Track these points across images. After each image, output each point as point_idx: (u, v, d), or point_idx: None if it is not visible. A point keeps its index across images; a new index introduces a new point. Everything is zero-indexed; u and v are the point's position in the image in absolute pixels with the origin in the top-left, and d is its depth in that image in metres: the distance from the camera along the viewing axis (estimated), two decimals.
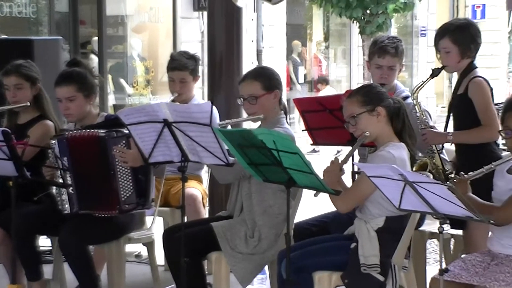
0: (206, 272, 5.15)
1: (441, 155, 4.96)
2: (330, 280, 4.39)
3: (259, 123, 5.03)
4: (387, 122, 4.34)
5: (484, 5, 27.77)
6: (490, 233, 4.25)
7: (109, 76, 13.02)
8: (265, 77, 4.96)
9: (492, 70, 23.97)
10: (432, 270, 5.22)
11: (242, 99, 4.93)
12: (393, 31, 21.95)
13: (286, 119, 5.01)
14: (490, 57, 24.78)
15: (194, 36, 14.65)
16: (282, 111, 5.00)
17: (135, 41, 13.95)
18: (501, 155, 4.67)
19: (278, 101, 4.97)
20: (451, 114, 5.01)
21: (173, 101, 5.98)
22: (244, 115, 5.19)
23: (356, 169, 4.86)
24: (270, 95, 4.90)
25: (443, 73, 5.10)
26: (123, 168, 5.06)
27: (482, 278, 4.02)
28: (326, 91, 17.39)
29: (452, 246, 5.41)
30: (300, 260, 4.40)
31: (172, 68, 6.18)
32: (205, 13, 12.59)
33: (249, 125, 5.52)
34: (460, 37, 4.90)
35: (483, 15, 26.88)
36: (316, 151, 14.46)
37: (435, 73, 5.01)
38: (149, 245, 5.68)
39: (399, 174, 3.66)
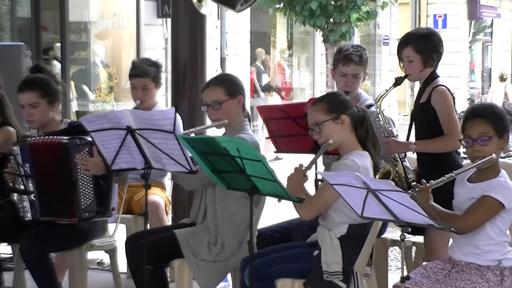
0: (169, 280, 5.14)
1: (404, 164, 4.99)
2: None
3: (224, 130, 5.03)
4: (351, 130, 4.36)
5: (445, 15, 28.08)
6: (451, 241, 4.28)
7: (72, 83, 12.93)
8: (227, 83, 4.98)
9: (453, 79, 24.21)
10: (393, 277, 5.26)
11: (205, 106, 4.94)
12: (356, 40, 22.13)
13: (250, 126, 5.02)
14: (451, 66, 25.03)
15: (157, 43, 14.61)
16: (246, 118, 5.02)
17: (98, 48, 13.88)
18: (462, 163, 4.71)
19: (242, 107, 4.98)
20: (414, 122, 5.05)
21: (136, 108, 5.96)
22: (208, 122, 5.19)
23: (319, 177, 4.87)
24: (234, 100, 4.92)
25: (406, 81, 5.14)
26: (85, 176, 5.04)
27: (443, 285, 4.06)
28: (274, 99, 17.34)
29: (413, 254, 5.44)
30: (263, 267, 4.40)
31: (134, 75, 6.15)
32: (169, 20, 12.57)
33: (213, 132, 5.53)
34: (422, 46, 4.94)
35: (444, 25, 27.18)
36: (279, 158, 14.49)
37: (398, 82, 5.05)
38: (112, 252, 5.65)
39: (362, 182, 3.68)
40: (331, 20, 17.66)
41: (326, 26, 17.67)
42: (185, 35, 6.53)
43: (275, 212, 5.20)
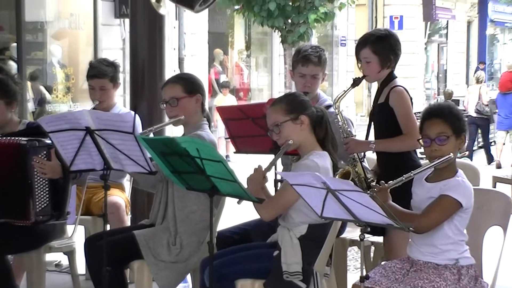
0: (128, 281, 5.12)
1: (363, 164, 5.02)
2: None
3: (182, 128, 5.02)
4: (310, 130, 4.38)
5: (401, 16, 28.31)
6: (410, 240, 4.31)
7: (28, 83, 12.81)
8: (186, 80, 4.99)
9: (409, 80, 24.41)
10: (352, 277, 5.29)
11: (164, 103, 4.93)
12: (314, 41, 22.21)
13: (210, 127, 5.02)
14: (407, 67, 25.24)
15: (115, 43, 14.54)
16: (205, 118, 5.02)
17: (55, 48, 13.76)
18: (420, 163, 4.75)
19: (201, 106, 4.98)
20: (372, 122, 5.08)
21: (94, 109, 5.92)
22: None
23: (278, 177, 4.89)
24: (192, 98, 4.92)
25: (363, 82, 5.17)
26: (41, 179, 5.00)
27: (402, 284, 4.08)
28: (228, 99, 17.30)
29: (372, 253, 5.48)
30: (223, 268, 4.40)
31: (92, 75, 6.12)
32: (127, 20, 12.52)
33: (171, 130, 5.51)
34: (380, 48, 4.97)
35: (400, 26, 27.39)
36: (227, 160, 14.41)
37: (356, 82, 5.08)
38: (70, 254, 5.62)
39: (322, 182, 3.69)
40: (289, 21, 17.69)
41: (284, 27, 17.70)
42: (143, 35, 6.51)
43: (235, 213, 5.20)
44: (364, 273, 3.94)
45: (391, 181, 4.10)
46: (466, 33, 36.85)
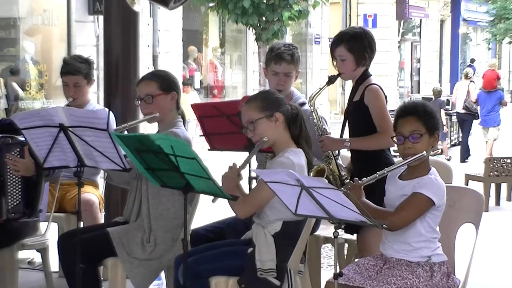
0: (102, 278, 5.10)
1: (337, 161, 5.03)
2: (227, 285, 4.40)
3: (156, 125, 5.01)
4: (284, 127, 4.39)
5: (375, 15, 28.44)
6: (383, 237, 4.33)
7: (1, 80, 12.73)
8: (162, 78, 4.98)
9: (383, 78, 24.52)
10: (326, 274, 5.30)
11: (139, 100, 4.92)
12: (288, 39, 22.25)
13: (184, 124, 5.01)
14: (381, 65, 25.34)
15: (89, 40, 14.48)
16: (180, 116, 5.01)
17: (28, 44, 13.68)
18: (394, 161, 4.77)
19: (176, 104, 4.97)
20: (347, 120, 5.10)
21: (68, 105, 5.89)
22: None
23: (253, 175, 4.89)
24: (167, 96, 4.92)
25: (337, 80, 5.18)
26: (14, 177, 4.98)
27: (375, 281, 4.10)
28: (190, 96, 17.26)
29: (346, 251, 5.50)
30: (197, 265, 4.40)
31: (65, 72, 6.08)
32: (101, 17, 12.48)
33: (145, 127, 5.50)
34: (355, 46, 4.99)
35: (374, 24, 27.52)
36: None
37: (331, 80, 5.08)
38: (43, 251, 5.59)
39: (296, 180, 3.70)
40: (264, 18, 17.71)
41: (258, 25, 17.71)
42: (117, 32, 6.48)
43: (210, 211, 5.21)
44: (338, 270, 3.95)
45: (364, 178, 4.12)
46: (439, 31, 37.08)
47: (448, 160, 16.76)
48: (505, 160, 11.49)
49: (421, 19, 34.88)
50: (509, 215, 10.91)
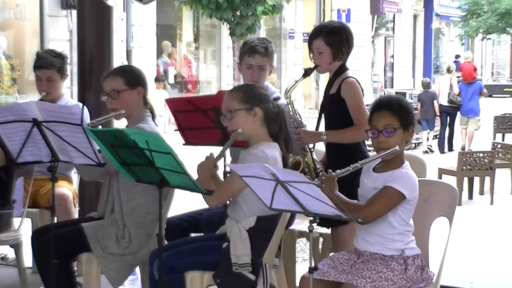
0: (76, 274, 5.08)
1: (313, 154, 5.04)
2: (202, 280, 4.39)
3: (126, 122, 5.00)
4: (262, 123, 4.38)
5: (349, 10, 28.51)
6: (356, 231, 4.35)
7: None
8: (127, 73, 4.97)
9: (356, 73, 24.58)
10: (300, 268, 5.31)
11: (105, 95, 4.91)
12: (262, 33, 22.27)
13: (153, 119, 5.00)
14: (355, 60, 25.43)
15: (62, 35, 14.41)
16: (148, 110, 5.00)
17: (0, 39, 13.59)
18: (368, 155, 4.79)
19: (143, 99, 4.96)
20: (323, 113, 5.11)
21: (41, 100, 5.86)
22: None
23: (227, 169, 4.89)
24: (133, 91, 4.90)
25: (311, 75, 5.19)
26: None
27: (350, 275, 4.12)
28: (161, 93, 17.21)
29: (321, 245, 5.51)
30: (172, 260, 4.39)
31: (38, 66, 6.04)
32: (74, 11, 12.41)
33: (119, 122, 5.47)
34: (333, 39, 5.00)
35: (348, 19, 27.58)
36: None
37: (307, 73, 5.10)
38: (17, 246, 5.55)
39: (271, 174, 3.70)
40: (238, 13, 17.71)
41: (232, 19, 17.71)
42: (91, 27, 6.46)
43: (185, 204, 5.20)
44: (313, 265, 3.96)
45: (338, 170, 4.13)
46: (412, 26, 37.27)
47: (430, 150, 17.21)
48: (478, 154, 11.58)
49: (394, 14, 35.03)
50: (482, 209, 11.00)
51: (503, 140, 16.20)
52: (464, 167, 11.31)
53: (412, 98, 19.15)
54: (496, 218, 10.25)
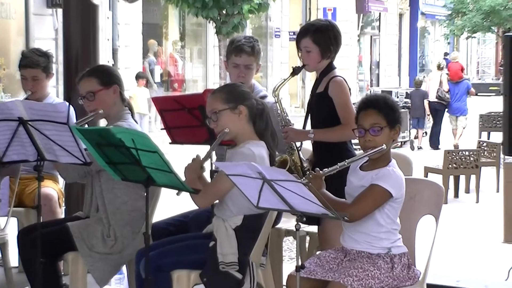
0: (62, 273, 5.07)
1: (300, 153, 5.04)
2: (188, 279, 4.39)
3: (105, 122, 4.99)
4: (248, 121, 4.38)
5: (335, 8, 28.57)
6: (343, 230, 4.35)
7: None
8: (101, 73, 4.96)
9: (342, 72, 24.59)
10: (287, 267, 5.32)
11: (81, 98, 4.89)
12: (249, 32, 22.29)
13: (132, 116, 4.99)
14: (340, 58, 25.46)
15: (47, 34, 14.37)
16: (127, 107, 4.99)
17: None
18: (355, 153, 4.79)
19: (120, 96, 4.95)
20: (310, 112, 5.11)
21: (26, 99, 5.84)
22: None
23: (214, 168, 4.88)
24: (108, 90, 4.89)
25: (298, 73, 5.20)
26: None
27: (336, 274, 4.12)
28: (142, 91, 17.15)
29: (307, 244, 5.51)
30: (158, 259, 4.38)
31: (24, 65, 6.02)
32: (59, 10, 12.37)
33: (104, 121, 5.45)
34: (321, 38, 5.00)
35: (334, 18, 27.60)
36: None
37: (295, 71, 5.10)
38: (3, 246, 5.54)
39: (258, 172, 3.70)
40: (224, 11, 17.70)
41: (218, 18, 17.70)
42: (76, 25, 6.44)
43: (173, 204, 5.19)
44: (300, 263, 3.96)
45: (326, 169, 4.14)
46: (398, 25, 37.36)
47: (419, 148, 17.46)
48: (464, 152, 11.63)
49: (380, 13, 35.11)
50: (468, 207, 11.04)
51: (488, 139, 16.27)
52: (450, 166, 11.34)
53: (398, 97, 19.32)
54: (482, 216, 10.29)
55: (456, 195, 11.75)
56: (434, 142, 18.00)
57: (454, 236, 8.66)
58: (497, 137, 14.39)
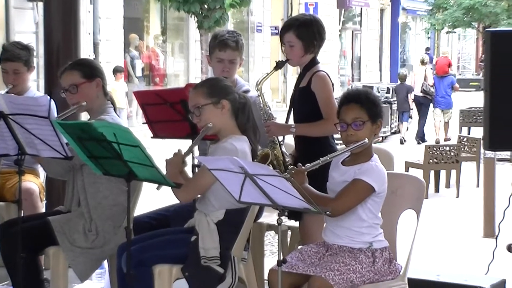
0: (44, 268, 5.05)
1: (282, 148, 5.05)
2: (170, 273, 4.39)
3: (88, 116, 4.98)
4: (230, 116, 4.38)
5: (316, 3, 28.58)
6: (325, 224, 4.36)
7: None
8: (84, 66, 4.96)
9: (324, 67, 24.62)
10: (268, 261, 5.33)
11: (64, 91, 4.88)
12: (230, 27, 22.25)
13: (115, 109, 4.98)
14: (322, 53, 25.45)
15: (28, 27, 14.30)
16: (109, 101, 4.98)
17: None
18: (337, 148, 4.80)
19: (102, 90, 4.94)
20: (292, 107, 5.11)
21: (7, 93, 5.81)
22: None
23: (196, 162, 4.88)
24: (91, 83, 4.88)
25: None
26: None
27: (318, 268, 4.13)
28: (119, 84, 17.05)
29: (289, 238, 5.52)
30: (140, 253, 4.38)
31: (5, 59, 6.00)
32: (40, 3, 12.31)
33: (86, 115, 5.43)
34: (304, 33, 5.00)
35: (315, 13, 27.58)
36: None
37: (279, 65, 5.11)
38: None
39: (240, 167, 3.71)
40: (205, 6, 17.67)
41: (200, 12, 17.67)
42: (57, 19, 6.42)
43: (155, 198, 5.18)
44: (281, 258, 3.97)
45: (308, 164, 4.14)
46: (379, 20, 37.42)
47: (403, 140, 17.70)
48: (444, 147, 11.67)
49: (361, 8, 35.16)
50: (448, 202, 11.08)
51: (469, 134, 16.34)
52: (430, 161, 11.38)
53: (379, 92, 19.45)
54: (462, 210, 10.33)
55: (437, 189, 11.79)
56: (420, 137, 18.24)
57: (434, 231, 8.69)
58: (478, 132, 14.47)
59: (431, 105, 18.11)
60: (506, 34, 4.98)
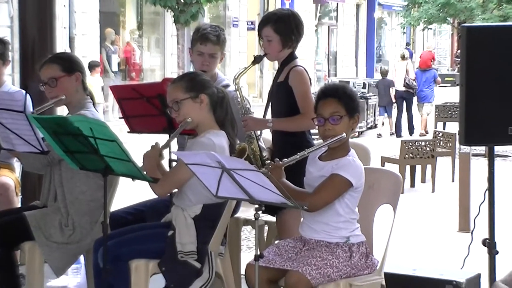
0: (19, 263, 5.02)
1: (259, 142, 5.05)
2: (147, 268, 4.38)
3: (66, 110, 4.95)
4: (209, 110, 4.38)
5: None
6: (302, 219, 4.37)
7: None
8: (63, 59, 4.93)
9: (300, 62, 24.68)
10: (245, 256, 5.33)
11: (43, 84, 4.85)
12: (206, 21, 22.20)
13: (94, 105, 4.96)
14: (298, 49, 25.48)
15: (2, 21, 14.21)
16: (88, 96, 4.95)
17: None
18: (314, 143, 4.80)
19: (82, 84, 4.92)
20: (270, 101, 5.12)
21: None
22: None
23: (173, 157, 4.87)
24: (71, 77, 4.86)
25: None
26: None
27: (295, 263, 4.14)
28: (95, 79, 17.00)
29: (266, 233, 5.53)
30: (117, 248, 4.36)
31: None
32: None
33: (63, 110, 5.41)
34: (282, 27, 5.01)
35: (292, 8, 27.61)
36: None
37: (257, 60, 5.11)
38: None
39: (217, 161, 3.70)
40: (182, 0, 17.63)
41: (176, 7, 17.64)
42: (33, 13, 6.39)
43: (131, 193, 5.17)
44: (259, 252, 3.97)
45: (285, 159, 4.14)
46: (355, 16, 37.51)
47: (378, 136, 17.93)
48: (420, 142, 11.73)
49: (337, 3, 35.22)
50: (424, 196, 11.14)
51: (444, 129, 16.43)
52: (406, 155, 11.43)
53: (355, 87, 19.64)
54: (438, 205, 10.39)
55: (412, 184, 11.85)
56: (398, 131, 18.57)
57: (410, 225, 8.73)
58: (453, 127, 14.53)
59: (415, 99, 18.47)
60: (482, 29, 4.99)
